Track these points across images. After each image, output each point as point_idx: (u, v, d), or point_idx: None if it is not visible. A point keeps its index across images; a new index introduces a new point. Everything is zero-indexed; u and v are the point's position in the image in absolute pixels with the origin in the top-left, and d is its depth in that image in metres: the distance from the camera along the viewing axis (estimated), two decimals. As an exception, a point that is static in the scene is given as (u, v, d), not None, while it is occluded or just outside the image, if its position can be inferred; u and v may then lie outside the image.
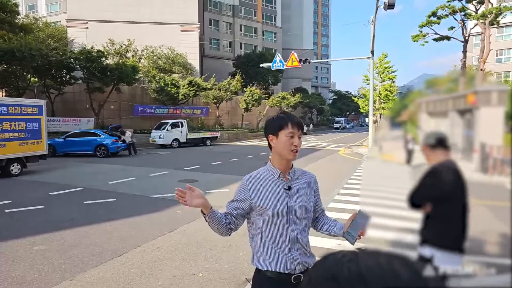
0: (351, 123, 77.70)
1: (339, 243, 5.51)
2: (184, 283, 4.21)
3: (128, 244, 5.50)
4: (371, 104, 22.24)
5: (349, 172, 12.75)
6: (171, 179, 11.37)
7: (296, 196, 1.94)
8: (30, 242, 5.58)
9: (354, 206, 7.76)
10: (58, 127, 23.46)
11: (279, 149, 1.89)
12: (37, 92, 24.70)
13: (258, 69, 35.09)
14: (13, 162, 11.65)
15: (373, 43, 21.48)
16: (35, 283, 4.23)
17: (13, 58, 19.77)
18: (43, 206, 7.78)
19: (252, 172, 1.99)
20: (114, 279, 4.34)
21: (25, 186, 10.19)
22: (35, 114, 12.13)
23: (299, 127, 1.89)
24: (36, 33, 28.22)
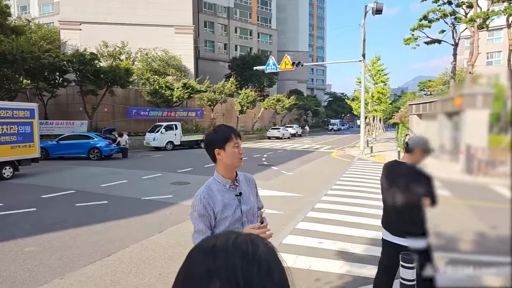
0: (346, 125, 78.18)
1: (321, 241, 5.72)
2: (169, 280, 4.38)
3: (117, 245, 5.66)
4: (363, 106, 22.55)
5: (339, 174, 12.98)
6: (163, 181, 11.52)
7: (245, 200, 2.11)
8: (21, 243, 5.73)
9: (340, 206, 7.99)
10: (51, 130, 23.48)
11: (228, 160, 2.00)
12: (30, 95, 24.70)
13: (253, 71, 35.29)
14: (5, 166, 11.73)
15: (364, 46, 21.82)
16: (26, 282, 4.39)
17: (5, 60, 19.77)
18: (35, 209, 7.90)
19: (202, 188, 2.03)
20: (102, 277, 4.51)
21: (17, 189, 10.29)
22: (27, 118, 12.23)
23: (240, 137, 2.07)
24: (28, 35, 28.17)
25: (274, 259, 0.62)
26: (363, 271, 4.62)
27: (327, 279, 4.39)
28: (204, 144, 2.13)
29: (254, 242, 0.63)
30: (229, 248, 0.61)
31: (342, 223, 6.75)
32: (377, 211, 7.58)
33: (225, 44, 51.36)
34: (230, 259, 0.59)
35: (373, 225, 6.60)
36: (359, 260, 4.99)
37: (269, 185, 10.79)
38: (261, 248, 0.62)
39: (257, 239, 0.64)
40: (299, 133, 44.53)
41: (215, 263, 0.59)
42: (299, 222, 6.83)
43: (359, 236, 6.02)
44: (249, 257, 0.59)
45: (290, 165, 16.05)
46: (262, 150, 23.67)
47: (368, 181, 11.39)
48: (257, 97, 36.93)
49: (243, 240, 0.63)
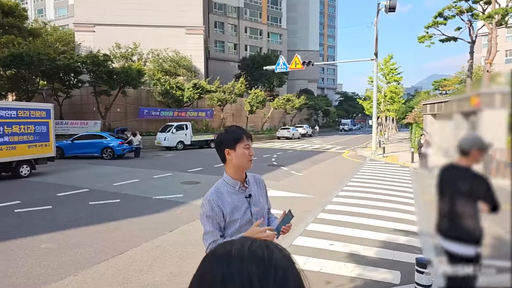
0: (357, 125, 77.46)
1: (332, 243, 5.69)
2: (180, 279, 4.44)
3: (129, 243, 5.75)
4: (375, 106, 22.29)
5: (350, 175, 12.89)
6: (174, 181, 11.63)
7: (255, 201, 2.11)
8: (38, 240, 5.87)
9: (352, 208, 7.93)
10: (66, 129, 23.95)
11: (238, 161, 2.00)
12: (46, 96, 25.25)
13: (263, 71, 35.26)
14: (23, 164, 12.04)
15: (376, 45, 21.57)
16: (42, 278, 4.50)
17: (22, 62, 20.27)
18: (50, 206, 8.09)
19: (211, 190, 2.03)
20: (114, 275, 4.59)
21: (33, 187, 10.54)
22: (43, 118, 12.52)
23: (251, 138, 2.08)
24: (44, 37, 28.82)
25: (290, 266, 0.62)
26: (375, 274, 4.59)
27: (338, 282, 4.38)
28: (214, 143, 2.13)
29: (270, 248, 0.63)
30: (244, 254, 0.61)
31: (353, 225, 6.70)
32: (389, 213, 7.52)
33: (235, 44, 51.50)
34: (245, 265, 0.59)
35: (385, 228, 6.54)
36: (371, 263, 4.95)
37: (278, 185, 10.78)
38: (276, 254, 0.62)
39: (272, 245, 0.65)
40: (309, 133, 44.30)
41: (230, 269, 0.59)
42: (310, 223, 6.81)
43: (371, 238, 5.97)
44: (265, 264, 0.59)
45: (300, 165, 15.99)
46: (271, 150, 23.65)
47: (381, 183, 11.28)
48: (266, 97, 36.90)
49: (259, 246, 0.63)
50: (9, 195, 9.30)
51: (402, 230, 6.44)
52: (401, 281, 4.41)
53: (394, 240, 5.89)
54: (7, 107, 11.57)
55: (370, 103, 29.49)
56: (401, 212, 7.65)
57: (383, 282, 4.39)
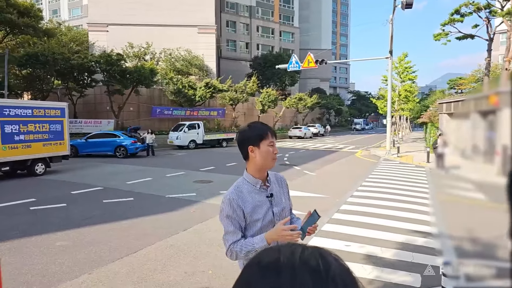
0: (370, 124, 76.53)
1: (348, 244, 5.55)
2: (194, 279, 4.37)
3: (143, 242, 5.72)
4: (389, 105, 21.92)
5: (365, 174, 12.68)
6: (187, 179, 11.63)
7: (277, 201, 2.00)
8: (53, 238, 5.90)
9: (367, 208, 7.76)
10: (80, 128, 24.30)
11: (261, 159, 1.90)
12: (60, 95, 25.68)
13: (275, 70, 35.14)
14: (38, 162, 12.22)
15: (391, 42, 21.20)
16: (56, 275, 4.50)
17: (37, 61, 20.63)
18: (65, 204, 8.15)
19: (231, 189, 1.94)
20: (129, 274, 4.55)
21: (48, 185, 10.67)
22: (57, 116, 12.68)
23: (276, 136, 1.97)
24: (59, 37, 29.30)
25: (350, 279, 0.53)
26: (394, 277, 4.44)
27: (356, 284, 4.24)
28: (237, 140, 2.02)
29: (324, 257, 0.54)
30: (295, 263, 0.53)
31: (369, 225, 6.54)
32: (406, 214, 7.32)
33: (247, 43, 51.47)
34: (298, 276, 0.51)
35: (402, 229, 6.36)
36: (390, 265, 4.80)
37: (291, 185, 10.52)
38: (334, 265, 0.53)
39: (326, 253, 0.56)
40: (321, 132, 43.96)
41: (279, 280, 0.51)
42: (325, 224, 6.67)
43: (388, 240, 5.80)
44: (322, 275, 0.51)
45: (313, 165, 15.82)
46: (283, 150, 23.50)
47: (396, 183, 11.05)
48: (278, 96, 36.74)
49: (311, 254, 0.54)
50: (25, 192, 9.43)
51: (420, 231, 6.25)
52: (422, 284, 4.25)
53: (412, 242, 5.71)
54: (23, 105, 11.76)
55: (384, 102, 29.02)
56: (418, 213, 7.44)
57: (403, 285, 4.24)
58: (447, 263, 2.84)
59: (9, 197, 8.83)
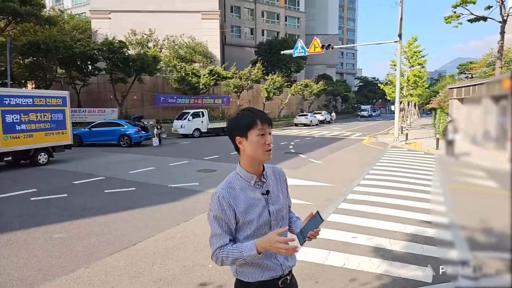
0: (377, 110, 75.49)
1: (355, 236, 5.33)
2: (193, 274, 4.20)
3: (143, 234, 5.56)
4: (398, 90, 21.37)
5: (372, 162, 12.39)
6: (190, 168, 11.46)
7: (274, 199, 1.78)
8: (51, 230, 5.76)
9: (375, 198, 7.51)
10: (84, 117, 24.23)
11: (251, 151, 1.68)
12: (64, 84, 25.54)
13: (280, 56, 34.53)
14: (40, 152, 12.13)
15: (400, 26, 20.51)
16: (52, 269, 4.35)
17: (39, 50, 20.42)
18: (66, 195, 8.02)
19: (221, 185, 1.73)
20: (126, 268, 4.39)
21: (51, 175, 10.57)
22: (59, 105, 12.51)
23: (268, 123, 1.70)
24: (61, 25, 28.99)
25: None
26: (404, 271, 4.21)
27: (364, 279, 4.02)
28: (226, 130, 1.82)
29: None
30: None
31: (377, 216, 6.30)
32: (416, 204, 7.06)
33: (251, 29, 50.63)
34: None
35: (412, 219, 6.11)
36: (399, 258, 4.57)
37: (296, 174, 10.43)
38: None
39: None
40: (327, 119, 43.43)
41: None
42: (330, 214, 6.45)
43: (397, 231, 5.56)
44: None
45: (318, 153, 15.54)
46: (289, 138, 23.22)
47: (405, 171, 10.75)
48: (284, 83, 36.19)
49: None
50: (26, 183, 9.34)
51: (430, 221, 5.99)
52: (434, 279, 4.02)
53: (422, 233, 5.47)
54: (23, 95, 11.58)
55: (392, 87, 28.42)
56: (428, 202, 7.17)
57: (413, 280, 4.01)
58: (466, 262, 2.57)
59: (11, 187, 8.75)
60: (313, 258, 4.55)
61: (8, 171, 11.34)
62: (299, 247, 1.65)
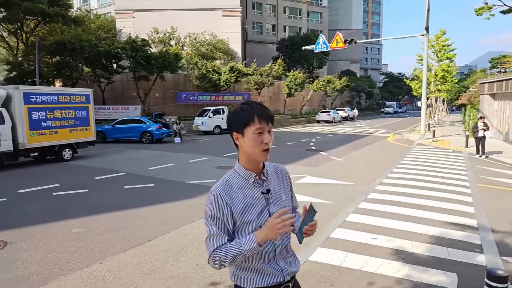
0: (403, 107, 73.18)
1: (375, 237, 5.08)
2: (205, 273, 4.12)
3: (158, 230, 5.55)
4: (424, 86, 20.51)
5: (396, 161, 11.94)
6: (209, 165, 11.46)
7: (275, 199, 1.65)
8: (70, 224, 5.86)
9: (397, 197, 7.19)
10: (108, 114, 24.86)
11: (247, 149, 1.57)
12: (89, 82, 26.28)
13: (302, 52, 34.06)
14: (65, 148, 12.50)
15: (427, 18, 19.65)
16: (68, 264, 4.40)
17: (65, 49, 21.10)
18: (86, 190, 8.19)
19: (219, 182, 1.62)
20: (139, 264, 4.38)
21: (74, 171, 10.86)
22: (83, 103, 12.84)
23: (268, 120, 1.56)
24: (87, 25, 29.84)
25: None
26: (426, 276, 3.95)
27: (383, 284, 3.80)
28: (226, 124, 1.71)
29: None
30: None
31: (399, 216, 6.00)
32: (441, 204, 6.69)
33: (273, 25, 50.25)
34: None
35: (436, 220, 5.78)
36: (421, 262, 4.30)
37: (316, 171, 10.19)
38: None
39: None
40: (350, 116, 42.52)
41: None
42: (350, 213, 6.21)
43: (420, 233, 5.26)
44: None
45: (340, 150, 15.18)
46: (310, 135, 22.87)
47: (431, 169, 10.28)
48: (305, 79, 35.68)
49: None
50: (51, 178, 9.62)
51: (457, 223, 5.66)
52: (458, 285, 3.75)
53: (447, 235, 5.15)
54: (49, 92, 11.95)
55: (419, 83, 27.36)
56: (455, 203, 6.79)
57: (436, 286, 3.75)
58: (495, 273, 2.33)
59: (36, 182, 9.03)
60: (329, 260, 4.36)
61: (34, 166, 11.76)
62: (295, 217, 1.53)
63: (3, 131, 10.57)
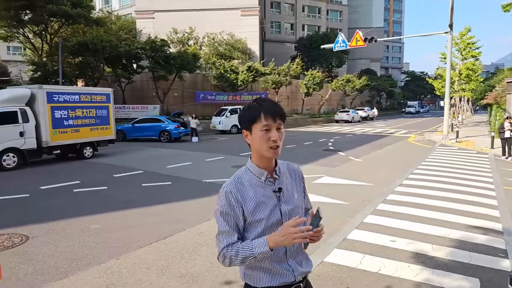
0: (426, 107, 71.25)
1: (393, 239, 4.94)
2: (219, 271, 4.11)
3: (174, 228, 5.59)
4: (448, 85, 19.87)
5: (417, 162, 11.61)
6: (225, 164, 11.50)
7: (287, 198, 1.61)
8: (88, 220, 5.99)
9: (418, 199, 6.97)
10: (128, 114, 25.36)
11: (255, 146, 1.56)
12: (110, 82, 26.88)
13: (321, 51, 33.68)
14: (86, 146, 12.83)
15: (451, 15, 19.03)
16: (85, 259, 4.49)
17: (87, 50, 21.66)
18: (106, 187, 8.36)
19: (231, 179, 1.61)
20: (155, 261, 4.41)
21: (94, 168, 11.13)
22: (103, 102, 13.13)
23: (276, 117, 1.52)
24: (109, 26, 30.53)
25: None
26: (447, 281, 3.80)
27: (401, 287, 3.68)
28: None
29: None
30: None
31: (420, 219, 5.82)
32: (464, 207, 6.44)
33: (291, 25, 49.94)
34: None
35: (459, 224, 5.57)
36: (442, 266, 4.14)
37: (334, 172, 10.03)
38: None
39: None
40: (370, 116, 41.73)
41: None
42: (368, 215, 6.07)
43: (442, 236, 5.08)
44: None
45: (359, 150, 14.91)
46: (328, 134, 22.60)
47: (453, 171, 9.94)
48: (324, 78, 35.26)
49: None
50: (71, 175, 9.87)
51: (481, 227, 5.43)
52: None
53: (470, 239, 4.95)
54: (70, 92, 12.30)
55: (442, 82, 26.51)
56: (478, 206, 6.52)
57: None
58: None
59: (57, 179, 9.29)
60: (345, 261, 4.26)
61: (56, 163, 12.11)
62: (311, 227, 1.48)
63: (28, 129, 10.95)
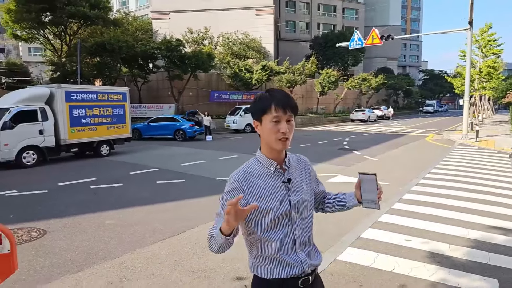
0: (444, 106, 69.55)
1: (409, 239, 4.83)
2: (231, 267, 4.11)
3: (187, 224, 5.63)
4: (467, 83, 19.32)
5: (435, 161, 11.33)
6: (239, 163, 11.34)
7: (296, 188, 1.61)
8: (103, 216, 6.11)
9: (435, 199, 6.80)
10: (144, 113, 25.77)
11: (264, 137, 1.56)
12: (127, 81, 27.39)
13: (336, 49, 33.39)
14: (103, 144, 13.10)
15: (471, 11, 18.50)
16: (100, 253, 4.57)
17: (104, 50, 22.13)
18: (121, 184, 8.51)
19: (240, 168, 1.61)
20: (168, 256, 4.46)
21: (110, 166, 11.35)
22: (119, 101, 13.38)
23: (286, 109, 1.50)
24: (125, 26, 31.10)
25: None
26: (464, 281, 3.68)
27: (415, 287, 3.59)
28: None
29: None
30: None
31: (436, 218, 5.67)
32: (483, 207, 6.25)
33: (306, 23, 49.62)
34: None
35: (477, 224, 5.40)
36: (459, 266, 4.02)
37: (349, 171, 9.90)
38: None
39: None
40: (387, 115, 41.04)
41: None
42: (383, 214, 5.96)
43: (459, 236, 4.94)
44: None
45: (375, 150, 14.68)
46: (343, 133, 22.35)
47: (472, 170, 9.66)
48: (339, 77, 34.88)
49: None
50: (88, 172, 10.11)
51: (500, 227, 5.26)
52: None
53: (489, 240, 4.79)
54: (88, 91, 12.58)
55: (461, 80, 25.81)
56: (498, 206, 6.32)
57: (474, 293, 3.49)
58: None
59: (75, 176, 9.52)
60: (359, 260, 4.20)
61: (74, 161, 12.42)
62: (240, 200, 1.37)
63: (47, 127, 11.26)
